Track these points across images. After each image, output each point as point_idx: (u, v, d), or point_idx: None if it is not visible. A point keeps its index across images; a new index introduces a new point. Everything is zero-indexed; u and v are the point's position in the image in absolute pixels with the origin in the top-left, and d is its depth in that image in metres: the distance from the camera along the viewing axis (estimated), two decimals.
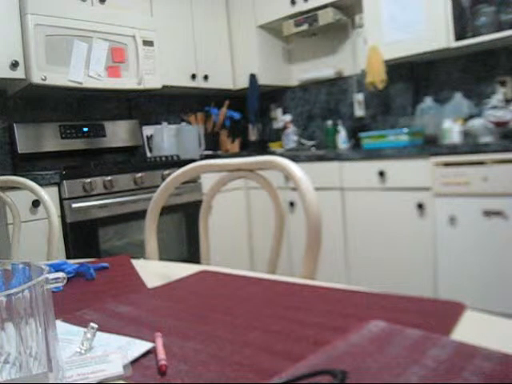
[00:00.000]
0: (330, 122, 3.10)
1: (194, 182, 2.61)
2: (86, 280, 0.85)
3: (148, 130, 3.13)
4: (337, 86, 3.19)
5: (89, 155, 2.78)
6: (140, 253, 2.30)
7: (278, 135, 3.54)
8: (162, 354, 0.49)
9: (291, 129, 3.34)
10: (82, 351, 0.51)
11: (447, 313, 0.55)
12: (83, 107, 2.84)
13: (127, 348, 0.51)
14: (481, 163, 1.97)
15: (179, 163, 2.55)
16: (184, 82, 3.03)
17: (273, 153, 3.06)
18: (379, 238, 2.37)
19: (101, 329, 0.57)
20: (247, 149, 3.49)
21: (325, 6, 2.86)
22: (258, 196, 2.90)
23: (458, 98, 2.53)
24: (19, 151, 2.46)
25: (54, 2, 2.29)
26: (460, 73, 2.60)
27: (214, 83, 3.22)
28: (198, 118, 3.36)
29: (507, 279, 1.93)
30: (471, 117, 2.41)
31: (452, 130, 2.33)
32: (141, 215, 2.33)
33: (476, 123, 2.27)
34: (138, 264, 0.95)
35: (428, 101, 2.61)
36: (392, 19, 2.52)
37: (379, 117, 3.00)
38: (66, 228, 2.10)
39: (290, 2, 2.98)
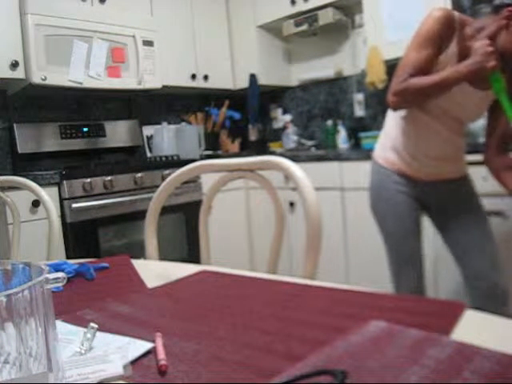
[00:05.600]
0: (330, 122, 3.10)
1: (193, 181, 2.61)
2: (86, 280, 0.85)
3: (148, 130, 3.13)
4: (337, 85, 3.19)
5: (89, 155, 2.78)
6: (140, 253, 2.29)
7: (277, 135, 3.54)
8: (162, 354, 0.49)
9: (291, 129, 3.34)
10: (82, 351, 0.51)
11: (447, 313, 0.55)
12: (83, 107, 2.84)
13: (127, 348, 0.51)
14: (481, 163, 1.97)
15: (179, 163, 2.55)
16: (184, 82, 3.03)
17: (273, 153, 3.06)
18: (379, 237, 2.36)
19: (101, 329, 0.57)
20: (247, 149, 3.49)
21: (325, 6, 2.86)
22: (258, 196, 2.90)
23: None
24: (19, 151, 2.46)
25: (54, 2, 2.28)
26: None
27: (214, 83, 3.22)
28: (198, 118, 3.36)
29: (507, 279, 1.93)
30: None
31: None
32: (141, 215, 2.32)
33: (476, 123, 2.27)
34: (138, 264, 0.94)
35: None
36: (392, 19, 2.52)
37: (379, 117, 3.00)
38: (66, 228, 2.10)
39: (290, 1, 2.98)
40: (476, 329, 0.51)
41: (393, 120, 1.55)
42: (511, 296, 1.53)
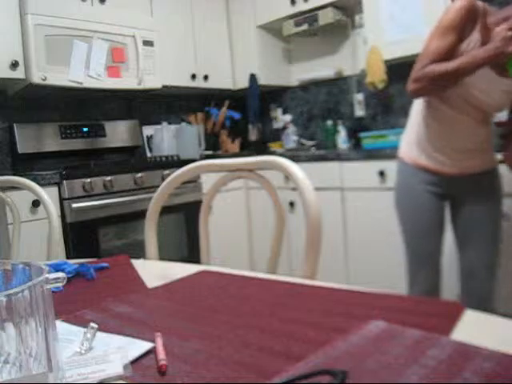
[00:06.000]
0: (330, 122, 3.10)
1: (193, 181, 2.61)
2: (86, 280, 0.85)
3: (148, 130, 3.13)
4: (337, 86, 3.19)
5: (89, 155, 2.78)
6: (140, 253, 2.30)
7: (277, 135, 3.54)
8: (162, 354, 0.49)
9: (291, 129, 3.34)
10: (82, 351, 0.51)
11: (447, 313, 0.55)
12: (83, 107, 2.84)
13: (127, 348, 0.51)
14: None
15: (179, 163, 2.55)
16: (184, 82, 3.03)
17: (273, 153, 3.06)
18: (379, 237, 2.37)
19: (101, 329, 0.57)
20: (247, 149, 3.49)
21: (325, 6, 2.86)
22: (258, 196, 2.90)
23: None
24: (19, 151, 2.46)
25: (54, 2, 2.28)
26: None
27: (214, 83, 3.22)
28: (198, 118, 3.36)
29: (507, 279, 1.93)
30: None
31: None
32: (141, 215, 2.32)
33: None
34: (138, 264, 0.94)
35: None
36: (392, 19, 2.52)
37: (379, 117, 3.00)
38: (66, 228, 2.10)
39: (290, 1, 2.98)
40: (476, 329, 0.51)
41: (416, 112, 1.53)
42: (503, 297, 1.53)
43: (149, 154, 3.12)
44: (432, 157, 1.48)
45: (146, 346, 0.52)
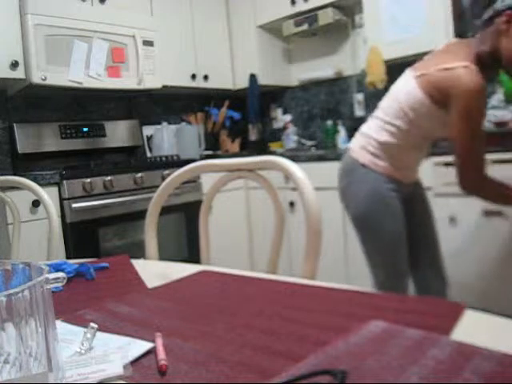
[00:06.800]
0: (330, 122, 3.10)
1: (193, 181, 2.61)
2: (86, 280, 0.85)
3: (148, 130, 3.12)
4: (337, 86, 3.19)
5: (89, 155, 2.78)
6: (140, 253, 2.29)
7: (278, 135, 3.54)
8: (162, 354, 0.49)
9: (291, 129, 3.34)
10: (82, 351, 0.51)
11: (447, 313, 0.55)
12: (83, 107, 2.84)
13: (127, 348, 0.51)
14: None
15: (179, 163, 2.55)
16: (184, 82, 3.03)
17: (273, 153, 3.06)
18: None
19: (101, 329, 0.57)
20: (247, 149, 3.49)
21: (325, 6, 2.86)
22: (258, 196, 2.90)
23: None
24: (19, 151, 2.46)
25: (54, 2, 2.28)
26: None
27: (214, 83, 3.22)
28: (198, 117, 3.36)
29: (507, 279, 1.93)
30: None
31: None
32: (141, 215, 2.32)
33: None
34: (138, 264, 0.95)
35: None
36: (392, 19, 2.52)
37: None
38: (66, 228, 2.10)
39: (290, 2, 2.98)
40: (476, 329, 0.51)
41: (383, 130, 1.49)
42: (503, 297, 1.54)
43: (149, 154, 3.12)
44: (394, 166, 1.47)
45: (146, 345, 0.52)
